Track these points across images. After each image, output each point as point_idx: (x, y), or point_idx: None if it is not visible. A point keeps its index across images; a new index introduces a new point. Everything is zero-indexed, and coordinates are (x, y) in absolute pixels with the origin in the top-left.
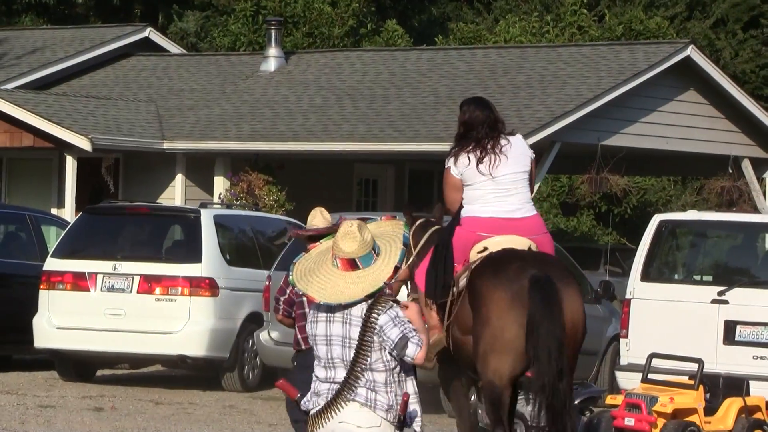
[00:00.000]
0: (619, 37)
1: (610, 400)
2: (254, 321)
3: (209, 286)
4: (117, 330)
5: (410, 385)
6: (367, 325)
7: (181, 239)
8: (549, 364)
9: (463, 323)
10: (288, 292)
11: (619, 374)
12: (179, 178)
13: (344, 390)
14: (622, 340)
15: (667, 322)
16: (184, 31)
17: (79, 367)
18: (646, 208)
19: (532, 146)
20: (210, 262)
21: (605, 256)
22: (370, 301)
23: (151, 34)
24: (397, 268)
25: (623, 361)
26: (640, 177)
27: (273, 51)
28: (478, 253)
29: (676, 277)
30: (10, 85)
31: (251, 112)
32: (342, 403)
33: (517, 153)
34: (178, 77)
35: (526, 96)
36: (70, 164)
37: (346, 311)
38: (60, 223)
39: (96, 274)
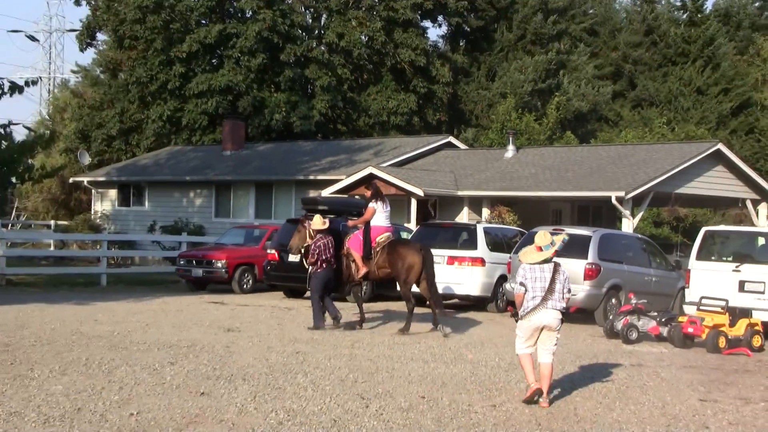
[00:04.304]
0: None
1: (680, 318)
2: (503, 279)
3: (481, 261)
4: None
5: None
6: (556, 271)
7: (467, 238)
8: (432, 276)
9: (381, 266)
10: (319, 248)
11: (685, 306)
12: (465, 210)
13: (545, 301)
14: (686, 289)
15: (710, 281)
16: (467, 137)
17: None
18: (698, 224)
19: None
20: (482, 249)
21: (677, 248)
22: (554, 262)
23: (450, 139)
24: (555, 252)
25: (687, 300)
26: (697, 209)
27: (510, 147)
28: (380, 240)
29: (713, 258)
30: (385, 164)
31: (500, 177)
32: (544, 308)
33: (387, 201)
34: (465, 160)
35: None
36: (414, 203)
37: (541, 266)
38: (408, 231)
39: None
